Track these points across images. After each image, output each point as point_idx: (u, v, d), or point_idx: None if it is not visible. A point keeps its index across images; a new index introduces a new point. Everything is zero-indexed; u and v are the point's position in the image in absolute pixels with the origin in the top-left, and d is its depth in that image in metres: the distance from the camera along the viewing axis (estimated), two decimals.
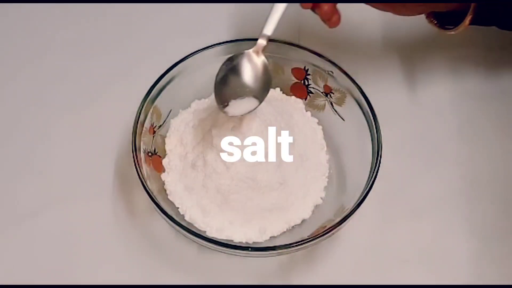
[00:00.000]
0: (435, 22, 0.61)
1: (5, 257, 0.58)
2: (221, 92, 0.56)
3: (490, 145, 0.66)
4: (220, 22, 0.73)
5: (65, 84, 0.69)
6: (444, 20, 0.61)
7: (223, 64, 0.56)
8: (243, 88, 0.56)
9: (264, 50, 0.56)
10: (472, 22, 0.58)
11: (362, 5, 0.58)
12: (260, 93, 0.56)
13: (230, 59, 0.56)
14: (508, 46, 0.71)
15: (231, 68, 0.56)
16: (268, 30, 0.56)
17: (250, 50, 0.56)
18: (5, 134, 0.65)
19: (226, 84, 0.56)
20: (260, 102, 0.56)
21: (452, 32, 0.60)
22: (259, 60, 0.57)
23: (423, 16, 0.62)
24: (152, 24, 0.74)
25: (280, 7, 0.55)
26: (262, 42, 0.56)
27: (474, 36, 0.73)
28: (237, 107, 0.56)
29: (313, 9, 0.55)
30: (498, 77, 0.70)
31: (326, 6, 0.55)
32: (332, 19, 0.55)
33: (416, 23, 0.73)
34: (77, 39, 0.72)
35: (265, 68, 0.57)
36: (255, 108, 0.55)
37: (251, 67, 0.57)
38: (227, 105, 0.56)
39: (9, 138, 0.65)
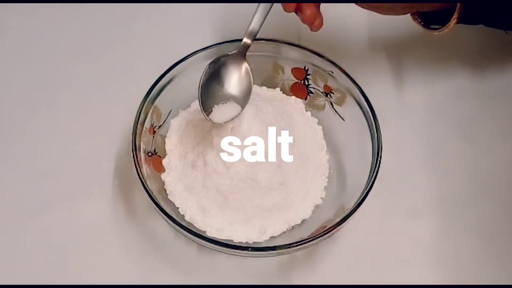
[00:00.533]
0: (420, 21, 0.61)
1: (5, 257, 0.58)
2: (204, 97, 0.55)
3: (490, 145, 0.66)
4: (221, 22, 0.73)
5: (65, 84, 0.69)
6: (430, 19, 0.61)
7: (206, 68, 0.56)
8: (224, 92, 0.56)
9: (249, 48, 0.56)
10: (458, 21, 0.58)
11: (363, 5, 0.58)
12: (242, 98, 0.56)
13: (213, 62, 0.56)
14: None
15: (213, 72, 0.56)
16: (253, 28, 0.56)
17: (235, 52, 0.56)
18: (4, 134, 0.65)
19: (208, 89, 0.56)
20: (243, 107, 0.55)
21: (436, 33, 0.60)
22: (242, 63, 0.57)
23: None
24: (152, 24, 0.74)
25: (264, 6, 0.55)
26: (247, 41, 0.56)
27: (473, 35, 0.73)
28: (220, 113, 0.55)
29: (296, 12, 0.55)
30: (499, 77, 0.70)
31: (308, 11, 0.54)
32: (315, 23, 0.55)
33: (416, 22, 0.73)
34: (77, 39, 0.72)
35: (247, 72, 0.57)
36: (238, 114, 0.55)
37: (233, 70, 0.57)
38: (211, 111, 0.55)
39: (9, 138, 0.65)
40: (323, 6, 0.56)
